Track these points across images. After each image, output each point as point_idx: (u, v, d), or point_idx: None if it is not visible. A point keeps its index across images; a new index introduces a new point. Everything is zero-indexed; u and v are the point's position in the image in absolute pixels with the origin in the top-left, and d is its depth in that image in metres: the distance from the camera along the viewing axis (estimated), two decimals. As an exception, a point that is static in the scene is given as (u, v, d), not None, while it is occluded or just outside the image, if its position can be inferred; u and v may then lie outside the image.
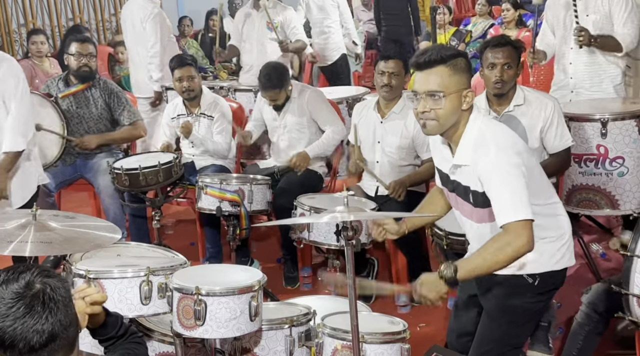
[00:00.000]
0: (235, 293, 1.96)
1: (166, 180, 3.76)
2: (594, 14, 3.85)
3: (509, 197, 2.06)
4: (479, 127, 2.16)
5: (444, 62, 2.10)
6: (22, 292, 1.35)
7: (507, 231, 2.07)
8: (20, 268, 1.42)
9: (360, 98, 4.63)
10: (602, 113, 3.47)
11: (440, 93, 2.09)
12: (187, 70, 4.10)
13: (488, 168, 2.09)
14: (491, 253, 2.07)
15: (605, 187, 3.53)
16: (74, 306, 1.45)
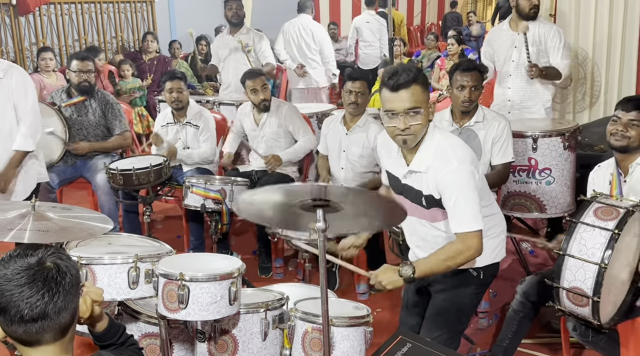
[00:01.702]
0: (216, 279, 1.81)
1: (156, 180, 3.64)
2: (532, 46, 3.89)
3: (466, 208, 2.00)
4: (438, 139, 2.08)
5: (416, 81, 1.99)
6: (32, 264, 1.25)
7: (461, 240, 2.01)
8: (44, 246, 1.30)
9: (328, 113, 4.55)
10: (533, 131, 3.48)
11: (419, 109, 1.99)
12: (177, 83, 3.97)
13: (449, 179, 2.01)
14: (446, 259, 2.02)
15: (535, 194, 3.52)
16: (77, 297, 1.31)
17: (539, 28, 3.90)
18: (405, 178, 2.14)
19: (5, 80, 3.17)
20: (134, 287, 1.91)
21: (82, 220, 2.30)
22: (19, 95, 3.19)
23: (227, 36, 5.25)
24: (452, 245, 2.03)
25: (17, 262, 1.25)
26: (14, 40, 6.42)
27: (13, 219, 2.19)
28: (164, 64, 6.61)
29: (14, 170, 3.19)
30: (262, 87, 3.89)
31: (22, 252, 1.28)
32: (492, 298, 3.29)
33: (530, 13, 3.89)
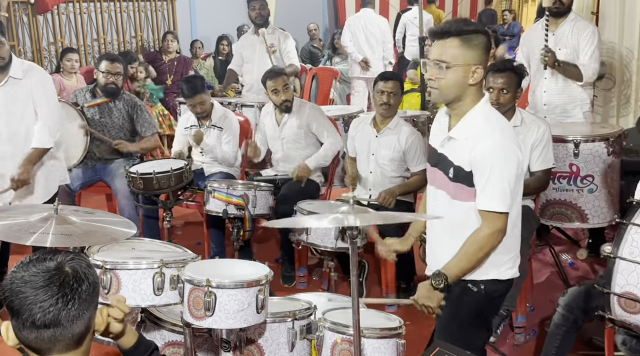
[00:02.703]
0: (244, 286, 1.84)
1: (177, 185, 3.69)
2: (565, 48, 3.85)
3: (498, 185, 1.94)
4: (488, 112, 2.02)
5: (458, 35, 1.94)
6: (50, 268, 1.27)
7: (487, 222, 1.97)
8: (67, 252, 1.33)
9: (355, 115, 4.57)
10: (575, 136, 3.46)
11: (444, 63, 1.95)
12: (199, 99, 4.01)
13: (488, 150, 1.94)
14: (476, 251, 1.99)
15: (577, 203, 3.49)
16: (94, 307, 1.33)
17: (573, 26, 3.84)
18: (442, 147, 2.08)
19: (26, 81, 3.29)
20: (159, 294, 1.96)
21: (105, 224, 2.36)
22: (39, 94, 3.30)
23: (252, 36, 5.30)
24: (477, 234, 1.98)
25: (36, 265, 1.27)
26: (32, 40, 6.59)
27: (36, 223, 2.26)
28: (185, 64, 6.70)
29: (32, 165, 3.29)
30: (284, 87, 3.91)
31: (42, 256, 1.30)
32: (529, 313, 3.26)
33: (554, 9, 3.83)
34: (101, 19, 7.17)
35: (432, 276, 2.02)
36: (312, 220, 1.85)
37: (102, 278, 1.99)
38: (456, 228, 2.06)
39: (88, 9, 7.05)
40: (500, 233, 1.98)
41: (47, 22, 6.73)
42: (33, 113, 3.30)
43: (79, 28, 7.00)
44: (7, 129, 3.29)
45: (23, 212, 2.38)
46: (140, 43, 7.61)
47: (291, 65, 5.22)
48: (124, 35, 7.43)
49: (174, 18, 7.90)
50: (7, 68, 3.23)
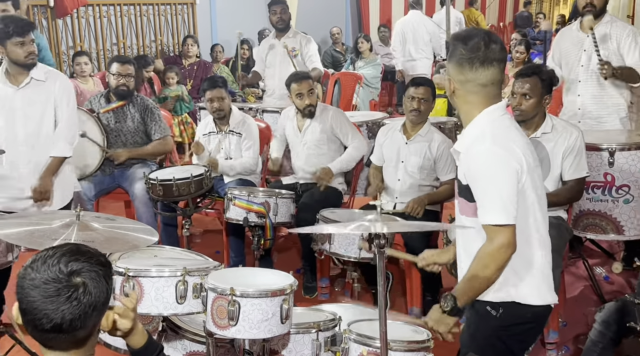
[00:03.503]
0: (268, 296, 1.87)
1: (197, 192, 3.71)
2: (603, 51, 3.80)
3: (494, 196, 1.85)
4: (487, 120, 1.94)
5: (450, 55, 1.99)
6: (61, 277, 1.31)
7: (489, 237, 1.87)
8: (84, 255, 1.36)
9: (379, 122, 4.59)
10: (609, 143, 3.41)
11: None
12: (218, 92, 4.06)
13: (477, 160, 1.88)
14: (481, 269, 1.88)
15: (611, 213, 3.45)
16: (99, 317, 1.38)
17: (610, 28, 3.81)
18: (457, 160, 2.04)
19: (48, 84, 3.37)
20: (182, 302, 1.99)
21: (126, 231, 2.41)
22: (61, 100, 3.38)
23: (273, 40, 5.37)
24: (481, 250, 1.89)
25: (49, 268, 1.31)
26: (51, 44, 6.71)
27: (57, 229, 2.32)
28: (205, 69, 6.79)
29: (52, 176, 3.36)
30: (309, 91, 3.95)
31: (57, 257, 1.33)
32: (561, 328, 3.23)
33: (584, 11, 3.81)
34: (120, 23, 7.30)
35: (442, 298, 1.94)
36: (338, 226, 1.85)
37: (125, 285, 2.03)
38: (466, 243, 2.03)
39: (107, 12, 7.18)
40: (507, 247, 1.85)
41: (66, 25, 6.87)
42: (52, 118, 3.38)
43: (98, 32, 7.13)
44: (23, 130, 3.36)
45: (45, 218, 2.45)
46: (160, 47, 7.72)
47: (314, 69, 5.25)
48: (144, 39, 7.54)
49: (194, 22, 8.00)
50: (30, 68, 3.31)
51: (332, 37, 8.81)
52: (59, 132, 3.37)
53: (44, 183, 3.32)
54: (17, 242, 2.32)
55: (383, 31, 9.12)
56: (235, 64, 6.75)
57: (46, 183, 3.33)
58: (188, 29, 7.94)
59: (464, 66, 1.92)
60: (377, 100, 7.73)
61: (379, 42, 8.99)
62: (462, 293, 1.90)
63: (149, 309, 2.03)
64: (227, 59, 7.48)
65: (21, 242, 2.33)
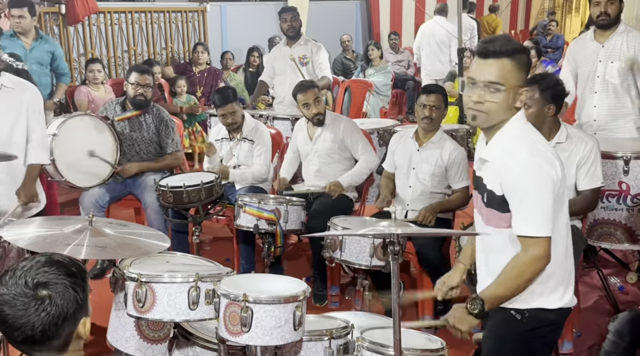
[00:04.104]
0: (281, 302, 1.87)
1: (207, 198, 3.72)
2: (618, 61, 3.80)
3: (532, 207, 1.86)
4: (518, 127, 1.95)
5: (510, 55, 1.89)
6: (27, 292, 1.36)
7: (525, 248, 1.90)
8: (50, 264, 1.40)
9: (390, 129, 4.59)
10: (624, 152, 3.42)
11: (500, 86, 1.88)
12: (230, 108, 4.07)
13: (516, 170, 1.87)
14: (514, 278, 1.93)
15: (626, 222, 3.44)
16: (72, 326, 1.41)
17: (625, 37, 3.81)
18: (479, 169, 2.04)
19: (17, 92, 3.33)
20: (194, 308, 2.00)
21: (138, 237, 2.43)
22: (34, 111, 3.36)
23: (284, 48, 5.40)
24: (516, 259, 1.91)
25: (17, 282, 1.36)
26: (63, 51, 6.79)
27: (70, 234, 2.35)
28: (215, 76, 6.83)
29: (34, 181, 3.39)
30: (315, 100, 3.97)
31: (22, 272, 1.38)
32: (575, 338, 3.21)
33: (599, 21, 3.81)
34: (131, 30, 7.37)
35: (469, 300, 1.99)
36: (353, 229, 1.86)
37: (137, 291, 2.04)
38: (491, 254, 2.04)
39: (119, 19, 7.25)
40: (542, 259, 1.90)
41: (78, 32, 6.94)
42: (24, 127, 3.34)
43: (109, 39, 7.20)
44: None
45: (57, 224, 2.47)
46: (171, 54, 7.79)
47: (323, 78, 5.27)
48: (154, 46, 7.61)
49: (204, 29, 8.07)
50: None
51: (343, 44, 8.85)
52: (36, 140, 3.37)
53: (28, 190, 3.33)
54: (30, 247, 2.33)
55: (393, 38, 9.14)
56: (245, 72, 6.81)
57: (31, 190, 3.34)
58: (198, 36, 8.00)
59: (527, 74, 1.94)
60: (387, 108, 7.75)
61: (390, 50, 9.02)
62: (490, 298, 1.96)
63: (161, 315, 2.04)
64: (237, 66, 7.52)
65: (33, 247, 2.34)
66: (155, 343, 2.39)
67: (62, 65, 5.38)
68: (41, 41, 5.17)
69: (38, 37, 5.16)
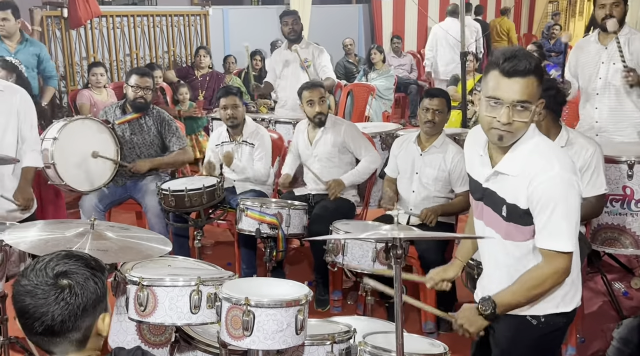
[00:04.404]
0: (283, 306, 1.87)
1: (209, 203, 3.72)
2: (620, 63, 3.78)
3: (562, 223, 1.87)
4: (537, 141, 1.95)
5: (535, 73, 1.86)
6: (48, 281, 1.38)
7: (549, 261, 1.91)
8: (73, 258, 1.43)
9: (393, 133, 4.60)
10: (628, 156, 3.41)
11: (529, 105, 1.86)
12: (232, 100, 4.12)
13: (548, 186, 1.86)
14: (531, 288, 1.95)
15: (631, 227, 3.44)
16: (93, 318, 1.42)
17: (628, 40, 3.82)
18: (488, 181, 2.02)
19: (7, 95, 3.37)
20: (196, 312, 2.00)
21: (140, 240, 2.44)
22: (27, 115, 3.40)
23: (285, 51, 5.42)
24: (537, 270, 1.93)
25: (38, 274, 1.39)
26: (65, 54, 6.83)
27: (72, 238, 2.36)
28: (217, 80, 6.85)
29: (30, 185, 3.43)
30: (320, 99, 3.98)
31: (44, 264, 1.41)
32: (580, 344, 3.20)
33: (603, 24, 3.82)
34: (134, 34, 7.40)
35: (481, 301, 2.01)
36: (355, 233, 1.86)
37: (139, 294, 2.05)
38: (508, 268, 2.04)
39: (121, 23, 7.28)
40: (564, 273, 1.93)
41: (80, 36, 6.97)
42: (15, 130, 3.39)
43: (112, 43, 7.23)
44: None
45: (59, 227, 2.48)
46: (173, 58, 7.82)
47: (328, 79, 5.29)
48: (157, 50, 7.64)
49: (206, 33, 8.10)
50: None
51: (345, 48, 8.87)
52: (29, 143, 3.41)
53: (25, 194, 3.38)
54: (31, 250, 2.35)
55: (396, 42, 9.16)
56: (247, 76, 6.82)
57: (28, 193, 3.39)
58: (201, 41, 8.03)
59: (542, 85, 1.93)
60: (390, 112, 7.75)
61: (392, 54, 9.04)
62: (503, 303, 1.97)
63: (163, 319, 2.05)
64: (239, 70, 7.55)
65: (35, 250, 2.35)
66: (157, 348, 2.40)
67: (49, 67, 5.36)
68: (26, 44, 5.15)
69: (23, 41, 5.14)
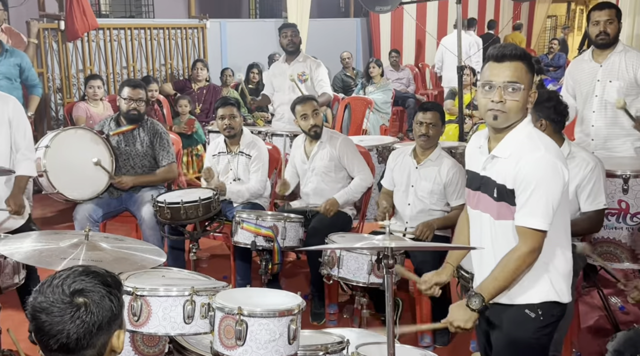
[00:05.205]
0: (275, 316, 1.91)
1: (205, 215, 3.76)
2: (617, 80, 3.85)
3: (539, 201, 2.02)
4: (529, 130, 2.12)
5: (523, 59, 2.06)
6: (64, 298, 1.40)
7: (524, 239, 2.06)
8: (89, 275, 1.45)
9: (389, 146, 4.66)
10: (623, 170, 3.46)
11: (519, 85, 2.04)
12: (229, 110, 4.18)
13: (531, 166, 2.03)
14: (512, 270, 2.07)
15: (626, 241, 3.48)
16: (107, 335, 1.44)
17: (623, 57, 3.85)
18: (484, 169, 2.17)
19: (1, 104, 3.42)
20: (189, 322, 2.03)
21: (134, 251, 2.48)
22: (20, 123, 3.45)
23: (283, 64, 5.48)
24: (515, 252, 2.06)
25: (54, 291, 1.40)
26: (61, 67, 6.88)
27: (66, 248, 2.40)
28: (214, 93, 6.91)
29: (23, 193, 3.47)
30: (313, 112, 4.03)
31: (60, 280, 1.42)
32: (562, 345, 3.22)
33: (598, 41, 3.86)
34: (131, 47, 7.47)
35: (468, 298, 2.10)
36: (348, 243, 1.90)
37: (132, 304, 2.08)
38: (502, 250, 2.13)
39: (118, 36, 7.36)
40: (537, 251, 2.06)
41: (77, 49, 7.04)
42: (7, 138, 3.43)
43: (108, 55, 7.30)
44: None
45: (53, 238, 2.52)
46: (170, 70, 7.88)
47: (323, 94, 5.34)
48: (154, 63, 7.70)
49: (204, 46, 8.17)
50: None
51: (343, 61, 8.96)
52: (22, 151, 3.46)
53: (17, 200, 3.42)
54: (26, 261, 2.39)
55: (394, 56, 9.25)
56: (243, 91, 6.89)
57: (19, 200, 3.43)
58: (198, 53, 8.10)
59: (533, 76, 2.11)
60: (387, 126, 7.82)
61: (390, 67, 9.13)
62: (489, 292, 2.09)
63: (156, 329, 2.08)
64: (236, 83, 7.62)
65: (29, 261, 2.39)
66: (150, 359, 2.42)
67: (31, 76, 5.37)
68: (6, 54, 5.15)
69: (3, 51, 5.14)
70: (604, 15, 3.82)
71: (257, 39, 8.73)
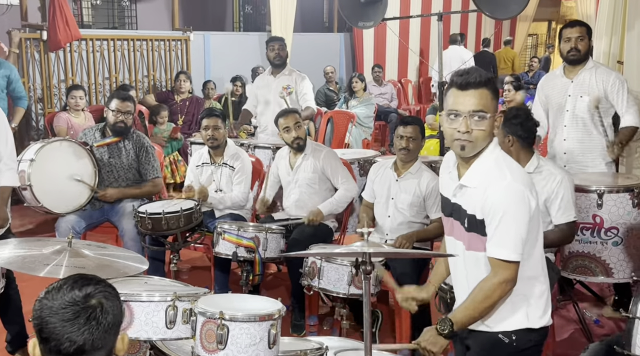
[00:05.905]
0: (256, 320, 1.98)
1: (186, 226, 3.81)
2: (588, 96, 3.96)
3: (509, 232, 2.00)
4: (496, 155, 2.11)
5: (487, 85, 2.05)
6: (78, 300, 1.43)
7: (495, 271, 2.05)
8: (93, 280, 1.50)
9: (371, 160, 4.75)
10: (598, 186, 3.56)
11: (485, 113, 2.03)
12: (214, 120, 4.25)
13: (498, 195, 2.01)
14: (482, 300, 2.07)
15: (600, 255, 3.58)
16: (115, 336, 1.49)
17: (594, 73, 3.97)
18: (454, 196, 2.16)
19: None
20: (171, 327, 2.09)
21: (117, 258, 2.53)
22: (0, 133, 3.39)
23: (269, 77, 5.58)
24: (486, 282, 2.06)
25: (65, 294, 1.44)
26: (42, 77, 6.91)
27: (49, 254, 2.44)
28: (197, 105, 6.99)
29: (5, 205, 3.43)
30: (295, 124, 4.12)
31: (71, 284, 1.47)
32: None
33: (569, 57, 3.99)
34: (113, 57, 7.52)
35: (438, 322, 2.13)
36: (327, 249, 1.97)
37: (115, 309, 2.13)
38: (473, 280, 2.15)
39: (100, 47, 7.41)
40: (510, 282, 2.05)
41: (59, 59, 7.07)
42: None
43: (91, 66, 7.34)
44: None
45: (36, 245, 2.56)
46: (153, 82, 7.94)
47: (307, 108, 5.44)
48: (136, 74, 7.75)
49: (187, 58, 8.25)
50: None
51: (326, 75, 9.09)
52: (5, 162, 3.42)
53: (0, 212, 3.36)
54: (8, 266, 2.42)
55: (377, 71, 9.41)
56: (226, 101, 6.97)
57: (3, 212, 3.38)
58: (181, 65, 8.18)
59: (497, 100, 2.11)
60: (369, 140, 7.94)
61: (373, 82, 9.28)
62: (458, 320, 2.10)
63: (138, 333, 2.13)
64: (219, 96, 7.69)
65: (11, 266, 2.43)
66: (131, 366, 2.46)
67: (18, 88, 5.42)
68: None
69: None
70: (575, 32, 3.96)
71: (240, 52, 8.83)
